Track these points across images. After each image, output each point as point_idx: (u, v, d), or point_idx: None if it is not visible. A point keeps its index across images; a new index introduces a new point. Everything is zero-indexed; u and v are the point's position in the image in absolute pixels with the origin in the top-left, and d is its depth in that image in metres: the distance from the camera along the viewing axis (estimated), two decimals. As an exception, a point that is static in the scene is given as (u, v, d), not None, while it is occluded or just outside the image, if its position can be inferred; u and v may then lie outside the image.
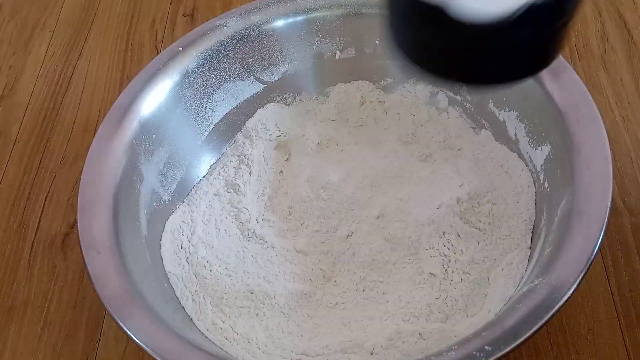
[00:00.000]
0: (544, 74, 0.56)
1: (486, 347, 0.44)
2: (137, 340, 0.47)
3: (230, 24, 0.65)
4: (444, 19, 0.30)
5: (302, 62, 0.68)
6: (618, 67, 0.71)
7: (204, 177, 0.66)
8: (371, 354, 0.53)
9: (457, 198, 0.59)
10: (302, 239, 0.61)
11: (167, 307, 0.54)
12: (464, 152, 0.64)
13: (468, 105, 0.65)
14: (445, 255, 0.57)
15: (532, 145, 0.59)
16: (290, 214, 0.63)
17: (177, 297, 0.58)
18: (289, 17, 0.65)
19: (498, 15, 0.30)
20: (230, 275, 0.59)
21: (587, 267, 0.46)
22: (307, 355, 0.54)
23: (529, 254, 0.56)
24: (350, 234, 0.60)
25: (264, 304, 0.57)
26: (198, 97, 0.64)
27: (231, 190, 0.64)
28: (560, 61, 0.56)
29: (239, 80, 0.66)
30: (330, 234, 0.61)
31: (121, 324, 0.48)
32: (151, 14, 0.85)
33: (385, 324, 0.55)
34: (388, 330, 0.54)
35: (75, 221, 0.54)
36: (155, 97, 0.61)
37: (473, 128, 0.65)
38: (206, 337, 0.55)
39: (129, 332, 0.47)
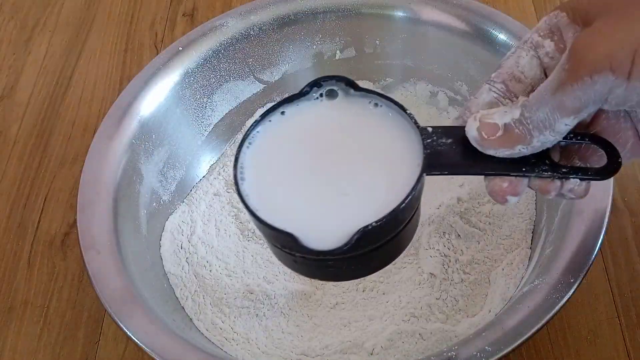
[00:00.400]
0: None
1: (487, 347, 0.44)
2: (136, 341, 0.47)
3: (230, 24, 0.65)
4: (297, 243, 0.34)
5: (302, 62, 0.68)
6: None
7: (203, 177, 0.66)
8: (371, 354, 0.53)
9: (457, 198, 0.59)
10: (302, 239, 0.61)
11: (166, 307, 0.54)
12: (464, 152, 0.64)
13: (468, 105, 0.65)
14: (445, 256, 0.57)
15: (532, 145, 0.59)
16: (290, 214, 0.63)
17: (176, 297, 0.58)
18: (289, 17, 0.65)
19: (337, 245, 0.34)
20: (230, 276, 0.59)
21: (587, 267, 0.46)
22: (306, 356, 0.54)
23: (529, 254, 0.56)
24: (350, 234, 0.60)
25: (263, 304, 0.57)
26: (198, 97, 0.64)
27: (231, 190, 0.64)
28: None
29: (239, 80, 0.66)
30: (330, 234, 0.61)
31: (121, 324, 0.48)
32: (151, 13, 0.85)
33: (385, 324, 0.54)
34: (388, 330, 0.54)
35: (75, 221, 0.54)
36: (155, 97, 0.61)
37: (473, 128, 0.65)
38: (206, 337, 0.55)
39: (128, 332, 0.47)
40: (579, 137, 0.36)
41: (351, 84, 0.39)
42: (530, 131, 0.34)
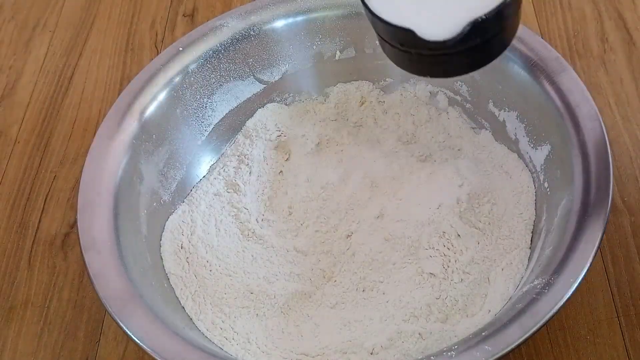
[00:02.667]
0: (545, 74, 0.56)
1: (486, 347, 0.44)
2: (137, 340, 0.47)
3: (231, 24, 0.65)
4: (415, 37, 0.39)
5: (302, 62, 0.68)
6: (618, 67, 0.71)
7: (204, 177, 0.66)
8: (371, 354, 0.53)
9: (457, 198, 0.59)
10: (302, 239, 0.61)
11: (166, 307, 0.54)
12: (463, 152, 0.64)
13: (468, 106, 0.65)
14: (445, 256, 0.57)
15: (532, 145, 0.59)
16: (290, 214, 0.63)
17: (177, 297, 0.58)
18: (289, 17, 0.65)
19: (452, 34, 0.39)
20: (230, 275, 0.59)
21: (587, 267, 0.46)
22: (306, 356, 0.54)
23: (529, 254, 0.56)
24: (350, 234, 0.60)
25: (263, 304, 0.57)
26: (198, 97, 0.64)
27: (231, 190, 0.64)
28: (560, 61, 0.56)
29: (239, 80, 0.66)
30: (330, 234, 0.61)
31: (121, 324, 0.48)
32: (151, 14, 0.85)
33: (385, 324, 0.55)
34: (388, 330, 0.54)
35: (76, 221, 0.54)
36: (156, 97, 0.61)
37: (473, 128, 0.65)
38: (206, 337, 0.55)
39: (128, 332, 0.48)
40: None
41: None
42: None
